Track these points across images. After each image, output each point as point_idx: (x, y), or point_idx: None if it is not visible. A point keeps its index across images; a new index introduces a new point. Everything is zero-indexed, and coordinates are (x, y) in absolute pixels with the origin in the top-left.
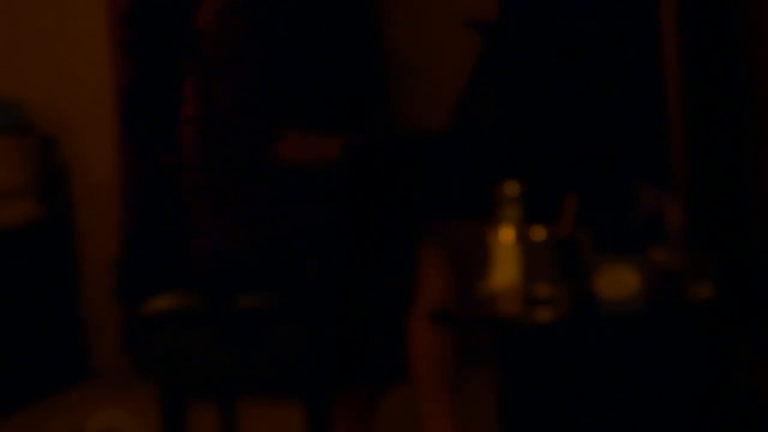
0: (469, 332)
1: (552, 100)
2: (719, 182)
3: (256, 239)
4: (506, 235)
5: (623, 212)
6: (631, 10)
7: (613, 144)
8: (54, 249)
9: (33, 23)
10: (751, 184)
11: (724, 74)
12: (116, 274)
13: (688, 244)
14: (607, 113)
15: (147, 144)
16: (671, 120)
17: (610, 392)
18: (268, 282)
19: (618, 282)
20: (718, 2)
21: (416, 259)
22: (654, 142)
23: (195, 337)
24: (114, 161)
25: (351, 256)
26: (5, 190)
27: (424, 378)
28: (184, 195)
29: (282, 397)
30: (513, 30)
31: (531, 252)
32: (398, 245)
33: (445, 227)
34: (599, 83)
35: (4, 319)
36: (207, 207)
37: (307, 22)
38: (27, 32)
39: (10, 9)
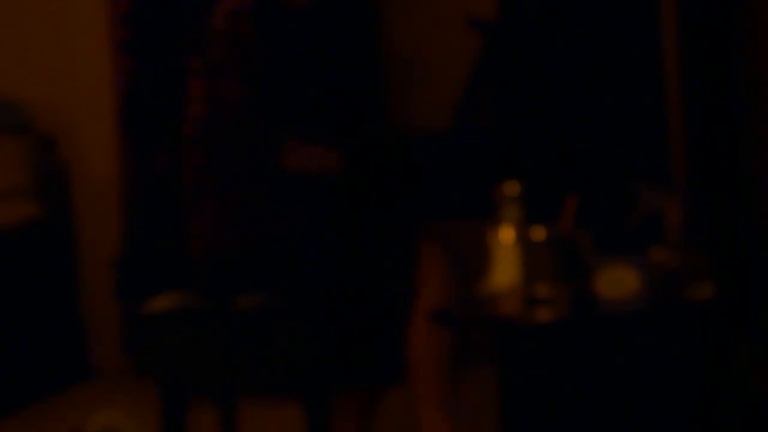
0: (469, 332)
1: (552, 100)
2: (719, 183)
3: (256, 239)
4: (506, 235)
5: (623, 212)
6: (630, 10)
7: (613, 144)
8: (54, 249)
9: (33, 23)
10: (751, 184)
11: (724, 74)
12: (116, 274)
13: (688, 244)
14: (607, 113)
15: (147, 144)
16: (671, 120)
17: (610, 392)
18: (268, 282)
19: (618, 282)
20: (718, 2)
21: (416, 259)
22: (654, 142)
23: (195, 337)
24: (114, 161)
25: (351, 257)
26: (5, 190)
27: (424, 378)
28: (185, 194)
29: (282, 397)
30: (513, 30)
31: (531, 252)
32: (398, 245)
33: (445, 227)
34: (599, 83)
35: (4, 319)
36: (207, 207)
37: (311, 24)
38: (27, 32)
39: (10, 9)
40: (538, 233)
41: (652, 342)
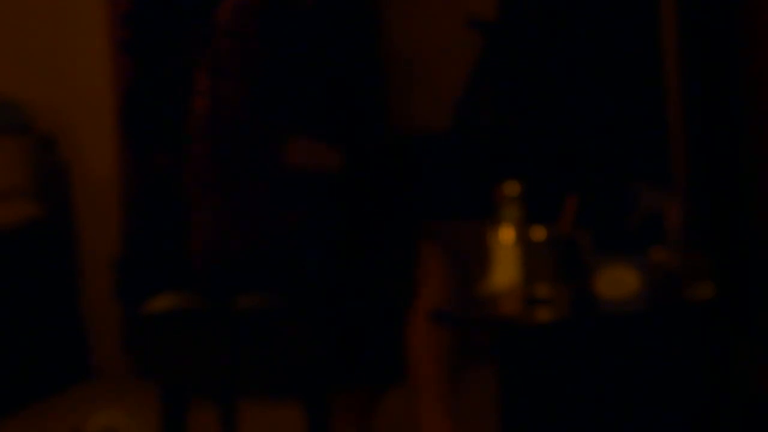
0: (469, 332)
1: (552, 100)
2: (719, 183)
3: (256, 239)
4: (506, 235)
5: (623, 212)
6: (630, 10)
7: (613, 144)
8: (54, 249)
9: (33, 23)
10: (751, 184)
11: (724, 74)
12: (116, 274)
13: (688, 244)
14: (607, 113)
15: (147, 144)
16: (671, 120)
17: (610, 392)
18: (268, 282)
19: (618, 282)
20: (718, 2)
21: (416, 259)
22: (654, 142)
23: (195, 337)
24: (114, 161)
25: (351, 257)
26: (5, 190)
27: (424, 378)
28: (186, 193)
29: (282, 397)
30: (513, 30)
31: (531, 252)
32: (398, 245)
33: (445, 227)
34: (599, 83)
35: (4, 319)
36: (208, 206)
37: (312, 24)
38: (27, 32)
39: (10, 9)
40: (538, 233)
41: (652, 342)
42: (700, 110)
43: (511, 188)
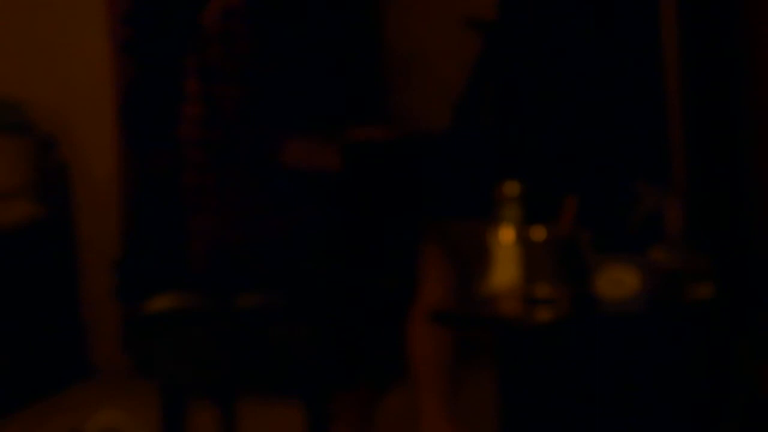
0: (469, 332)
1: (552, 99)
2: (719, 182)
3: (256, 239)
4: (506, 235)
5: (623, 212)
6: (631, 10)
7: (613, 144)
8: (54, 249)
9: (33, 23)
10: (751, 184)
11: (724, 74)
12: (116, 274)
13: (688, 244)
14: (607, 113)
15: (147, 144)
16: (671, 120)
17: (610, 392)
18: (268, 282)
19: (618, 282)
20: (718, 2)
21: (416, 259)
22: (654, 142)
23: (195, 337)
24: (114, 161)
25: (351, 256)
26: (5, 190)
27: (424, 378)
28: (186, 194)
29: (282, 396)
30: (513, 30)
31: (531, 252)
32: (398, 245)
33: (445, 227)
34: (599, 83)
35: (4, 319)
36: (207, 207)
37: (309, 24)
38: (27, 32)
39: (10, 9)
40: (538, 233)
41: (652, 342)
42: (700, 110)
43: (511, 188)
